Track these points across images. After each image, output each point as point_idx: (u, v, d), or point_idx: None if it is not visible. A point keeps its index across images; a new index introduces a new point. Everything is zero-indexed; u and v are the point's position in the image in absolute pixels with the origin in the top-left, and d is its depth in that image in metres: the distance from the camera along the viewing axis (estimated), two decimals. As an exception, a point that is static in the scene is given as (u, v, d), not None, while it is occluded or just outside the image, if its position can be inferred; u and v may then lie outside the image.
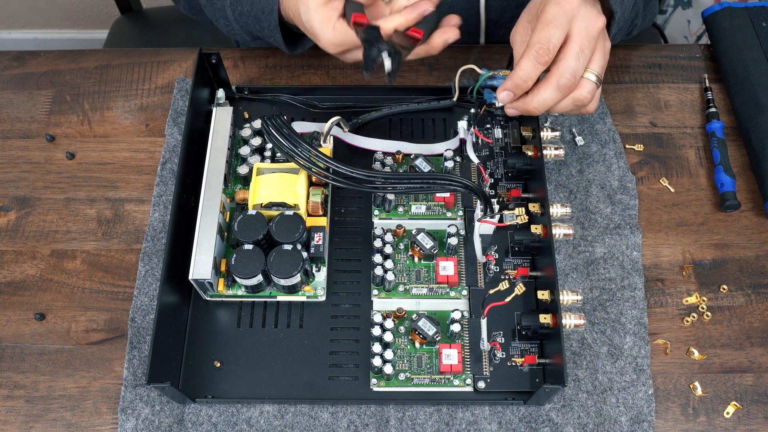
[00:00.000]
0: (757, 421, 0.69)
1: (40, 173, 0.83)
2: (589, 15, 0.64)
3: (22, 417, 0.70)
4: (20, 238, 0.79)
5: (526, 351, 0.70)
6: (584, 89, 0.66)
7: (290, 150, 0.70)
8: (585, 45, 0.64)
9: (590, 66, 0.65)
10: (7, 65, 0.92)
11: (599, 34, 0.65)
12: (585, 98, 0.66)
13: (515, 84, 0.66)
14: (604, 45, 0.66)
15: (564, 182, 0.81)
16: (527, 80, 0.65)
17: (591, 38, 0.64)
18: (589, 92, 0.66)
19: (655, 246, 0.78)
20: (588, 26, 0.64)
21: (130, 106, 0.88)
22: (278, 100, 0.85)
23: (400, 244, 0.75)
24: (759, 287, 0.76)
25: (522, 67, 0.64)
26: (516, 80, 0.65)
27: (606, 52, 0.67)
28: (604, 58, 0.66)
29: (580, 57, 0.64)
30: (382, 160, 0.78)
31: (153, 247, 0.78)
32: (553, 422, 0.68)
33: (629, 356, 0.71)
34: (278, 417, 0.69)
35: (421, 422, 0.69)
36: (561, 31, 0.63)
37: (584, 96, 0.66)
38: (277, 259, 0.69)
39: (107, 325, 0.74)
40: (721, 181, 0.80)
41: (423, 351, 0.70)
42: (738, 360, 0.72)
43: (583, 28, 0.64)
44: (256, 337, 0.72)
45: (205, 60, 0.79)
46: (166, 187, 0.81)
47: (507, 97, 0.67)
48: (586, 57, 0.64)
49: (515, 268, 0.74)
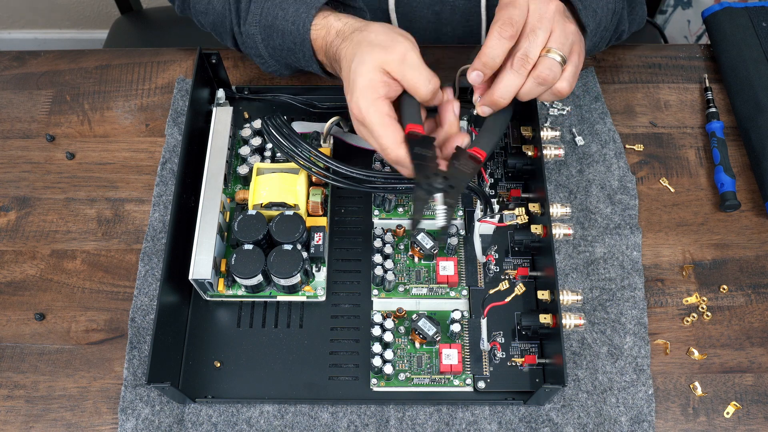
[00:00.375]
0: (757, 421, 0.69)
1: (40, 173, 0.83)
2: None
3: (22, 417, 0.70)
4: (20, 238, 0.79)
5: (526, 351, 0.70)
6: (543, 66, 0.64)
7: (290, 150, 0.70)
8: (536, 25, 0.64)
9: (548, 44, 0.64)
10: (7, 65, 0.92)
11: (553, 15, 0.65)
12: (546, 75, 0.64)
13: (483, 62, 0.65)
14: (563, 26, 0.65)
15: (564, 182, 0.81)
16: (494, 57, 0.64)
17: (543, 18, 0.64)
18: (548, 68, 0.64)
19: (655, 246, 0.78)
20: (539, 8, 0.64)
21: (130, 106, 0.88)
22: (278, 100, 0.85)
23: (400, 244, 0.75)
24: (759, 287, 0.76)
25: (488, 44, 0.64)
26: (483, 58, 0.64)
27: (567, 32, 0.65)
28: (566, 37, 0.65)
29: (531, 37, 0.64)
30: (382, 160, 0.78)
31: (153, 247, 0.78)
32: (553, 422, 0.68)
33: (629, 356, 0.71)
34: (278, 417, 0.69)
35: (421, 422, 0.69)
36: (520, 10, 0.64)
37: (545, 74, 0.64)
38: (277, 259, 0.69)
39: (107, 325, 0.74)
40: (721, 181, 0.80)
41: (423, 351, 0.70)
42: (738, 360, 0.72)
43: (536, 10, 0.64)
44: (256, 337, 0.72)
45: (205, 60, 0.79)
46: (166, 187, 0.81)
47: (477, 78, 0.66)
48: (538, 37, 0.64)
49: (515, 268, 0.74)
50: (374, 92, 0.64)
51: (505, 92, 0.65)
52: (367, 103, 0.64)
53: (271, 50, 0.76)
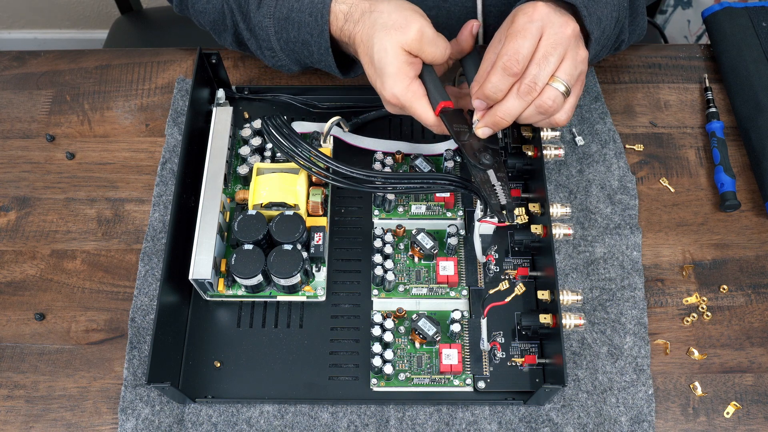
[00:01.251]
0: (757, 421, 0.69)
1: (40, 173, 0.83)
2: (557, 22, 0.63)
3: (22, 417, 0.70)
4: (20, 238, 0.79)
5: (526, 351, 0.70)
6: (545, 95, 0.64)
7: (290, 150, 0.70)
8: (549, 51, 0.63)
9: (557, 73, 0.64)
10: (7, 65, 0.92)
11: (568, 41, 0.63)
12: (548, 106, 0.64)
13: (486, 95, 0.65)
14: (576, 53, 0.64)
15: (564, 182, 0.81)
16: (497, 93, 0.64)
17: (557, 44, 0.63)
18: (551, 99, 0.64)
19: (655, 246, 0.78)
20: (556, 33, 0.63)
21: (130, 106, 0.88)
22: (278, 100, 0.85)
23: (400, 244, 0.75)
24: (759, 287, 0.76)
25: (490, 80, 0.63)
26: (485, 91, 0.64)
27: (578, 61, 0.65)
28: (575, 67, 0.64)
29: (542, 64, 0.62)
30: (382, 160, 0.78)
31: (153, 247, 0.78)
32: (553, 422, 0.68)
33: (629, 356, 0.71)
34: (278, 417, 0.69)
35: (421, 422, 0.69)
36: (530, 41, 0.62)
37: (547, 104, 0.64)
38: (277, 259, 0.69)
39: (107, 325, 0.74)
40: (721, 181, 0.80)
41: (423, 351, 0.70)
42: (738, 360, 0.72)
43: (552, 35, 0.63)
44: (256, 337, 0.72)
45: (205, 60, 0.79)
46: (166, 187, 0.81)
47: (480, 106, 0.67)
48: (550, 64, 0.63)
49: (515, 268, 0.74)
50: (405, 77, 0.66)
51: (507, 115, 0.65)
52: (402, 88, 0.66)
53: (283, 43, 0.75)
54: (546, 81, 0.63)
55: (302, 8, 0.71)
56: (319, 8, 0.70)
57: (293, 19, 0.72)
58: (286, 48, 0.76)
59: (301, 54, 0.75)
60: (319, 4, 0.70)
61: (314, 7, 0.70)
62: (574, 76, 0.65)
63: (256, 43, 0.78)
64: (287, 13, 0.73)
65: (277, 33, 0.75)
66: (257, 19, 0.75)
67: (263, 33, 0.76)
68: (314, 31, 0.71)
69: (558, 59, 0.63)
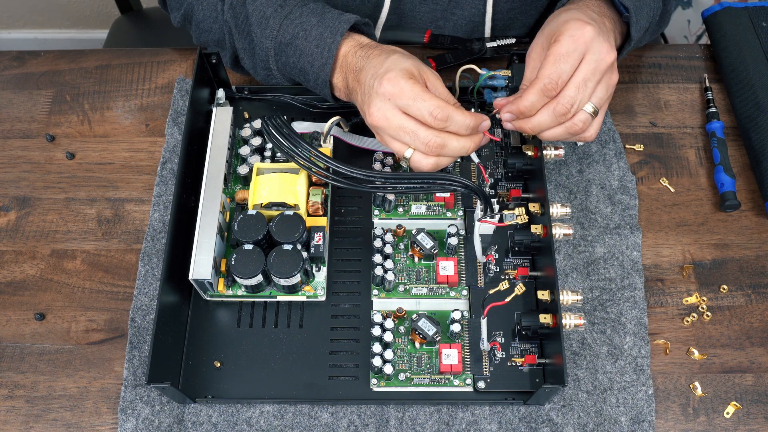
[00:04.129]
0: (757, 421, 0.69)
1: (40, 173, 0.83)
2: (600, 49, 0.65)
3: (22, 417, 0.70)
4: (20, 238, 0.79)
5: (526, 351, 0.70)
6: (577, 118, 0.66)
7: (290, 150, 0.70)
8: (589, 77, 0.65)
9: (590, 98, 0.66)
10: (7, 65, 0.92)
11: (607, 68, 0.66)
12: (578, 129, 0.67)
13: (519, 110, 0.67)
14: (609, 78, 0.67)
15: (564, 182, 0.81)
16: (531, 110, 0.66)
17: (598, 71, 0.65)
18: (582, 122, 0.66)
19: (655, 246, 0.78)
20: (598, 59, 0.65)
21: (130, 106, 0.88)
22: (278, 100, 0.85)
23: (400, 244, 0.75)
24: (759, 287, 0.76)
25: (528, 98, 0.66)
26: (521, 107, 0.66)
27: (610, 85, 0.67)
28: (606, 91, 0.67)
29: (581, 88, 0.65)
30: (382, 160, 0.78)
31: (153, 247, 0.78)
32: (553, 422, 0.68)
33: (629, 356, 0.71)
34: (278, 417, 0.69)
35: (421, 422, 0.69)
36: (571, 66, 0.64)
37: (577, 126, 0.67)
38: (277, 259, 0.69)
39: (107, 325, 0.74)
40: (721, 181, 0.80)
41: (423, 351, 0.70)
42: (738, 360, 0.72)
43: (593, 61, 0.64)
44: (256, 337, 0.72)
45: (205, 60, 0.79)
46: (166, 187, 0.81)
47: (509, 118, 0.69)
48: (588, 89, 0.65)
49: (515, 268, 0.74)
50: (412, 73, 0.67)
51: (536, 128, 0.68)
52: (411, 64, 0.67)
53: (281, 66, 0.76)
54: (582, 107, 0.66)
55: (308, 38, 0.72)
56: (327, 42, 0.71)
57: (297, 45, 0.73)
58: (283, 70, 0.77)
59: (297, 78, 0.77)
60: (328, 38, 0.71)
61: (322, 41, 0.72)
62: (604, 98, 0.67)
63: (251, 62, 0.79)
64: (290, 39, 0.73)
65: (276, 55, 0.76)
66: (258, 39, 0.76)
67: (262, 53, 0.76)
68: (316, 63, 0.72)
69: (595, 85, 0.66)
